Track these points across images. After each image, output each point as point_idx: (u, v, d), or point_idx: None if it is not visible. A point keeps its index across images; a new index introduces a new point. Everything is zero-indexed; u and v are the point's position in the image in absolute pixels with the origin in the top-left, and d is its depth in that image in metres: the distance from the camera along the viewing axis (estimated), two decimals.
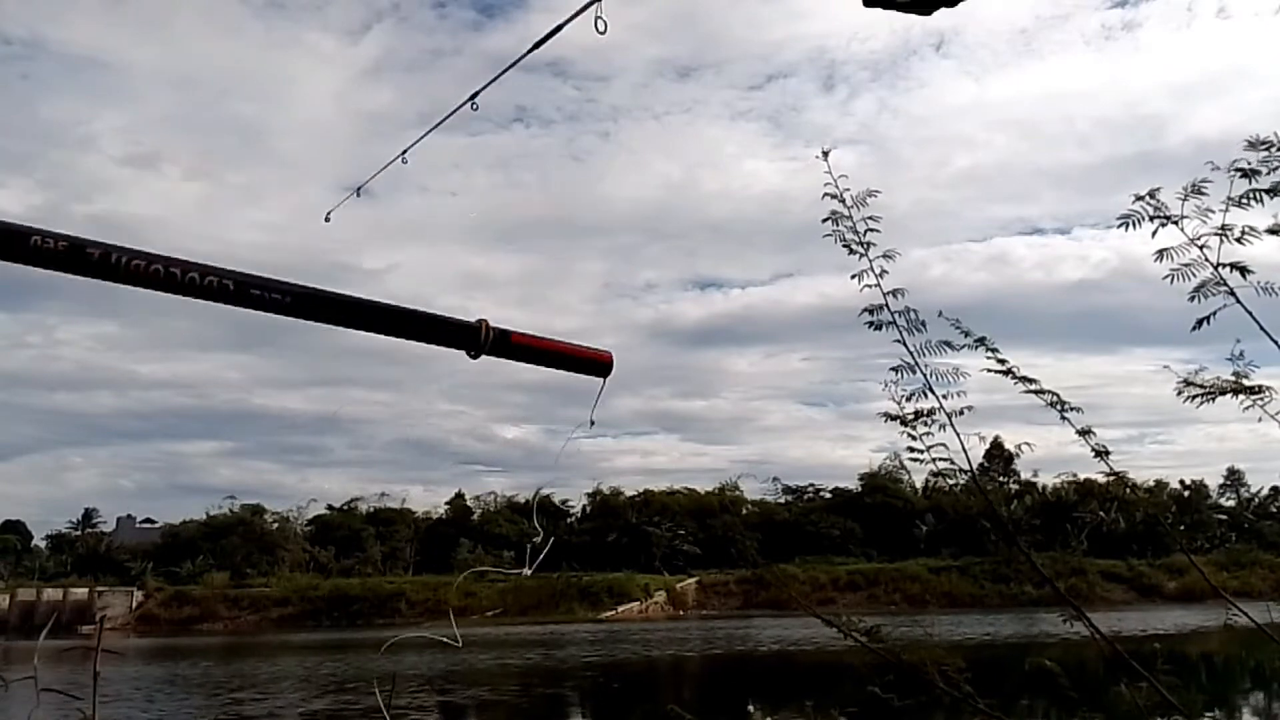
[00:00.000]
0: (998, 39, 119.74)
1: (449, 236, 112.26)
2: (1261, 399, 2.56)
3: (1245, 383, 2.58)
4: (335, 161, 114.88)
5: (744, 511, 66.34)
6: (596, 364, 0.80)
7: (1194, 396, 2.64)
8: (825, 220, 2.94)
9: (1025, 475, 56.71)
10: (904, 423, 2.90)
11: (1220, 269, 2.51)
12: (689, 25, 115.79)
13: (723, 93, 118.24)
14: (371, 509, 67.29)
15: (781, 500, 68.55)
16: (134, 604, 51.22)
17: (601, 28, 1.39)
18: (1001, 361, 2.84)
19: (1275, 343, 2.48)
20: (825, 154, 2.89)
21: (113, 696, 19.57)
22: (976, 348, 2.80)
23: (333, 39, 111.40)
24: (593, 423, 0.99)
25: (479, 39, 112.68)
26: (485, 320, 0.75)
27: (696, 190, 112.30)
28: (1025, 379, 2.82)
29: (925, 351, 2.84)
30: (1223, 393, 2.60)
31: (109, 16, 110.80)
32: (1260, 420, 2.56)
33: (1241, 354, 2.59)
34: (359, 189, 3.21)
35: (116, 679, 22.13)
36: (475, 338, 0.76)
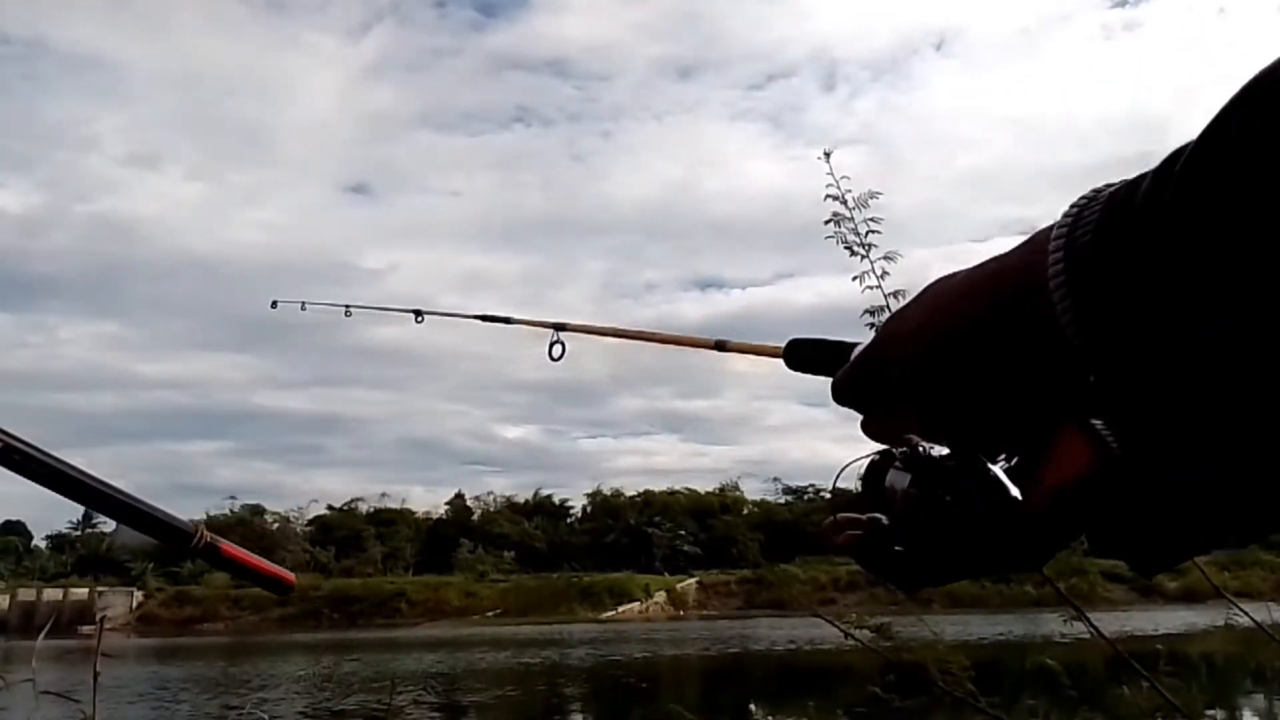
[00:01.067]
0: (999, 38, 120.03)
1: (450, 236, 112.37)
2: None
3: None
4: (336, 161, 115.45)
5: (745, 511, 66.31)
6: (280, 584, 0.95)
7: None
8: (827, 222, 2.94)
9: None
10: None
11: None
12: (689, 24, 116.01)
13: (724, 92, 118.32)
14: (372, 509, 67.33)
15: (782, 500, 68.58)
16: (134, 604, 51.26)
17: (558, 352, 1.30)
18: None
19: None
20: (827, 155, 2.89)
21: (140, 697, 19.64)
22: None
23: (333, 39, 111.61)
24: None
25: (480, 39, 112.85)
26: (201, 524, 0.85)
27: (698, 190, 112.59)
28: None
29: None
30: None
31: (109, 16, 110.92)
32: None
33: None
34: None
35: (141, 679, 22.17)
36: (187, 541, 0.85)
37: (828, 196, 2.92)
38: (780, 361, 0.81)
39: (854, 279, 2.91)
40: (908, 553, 0.60)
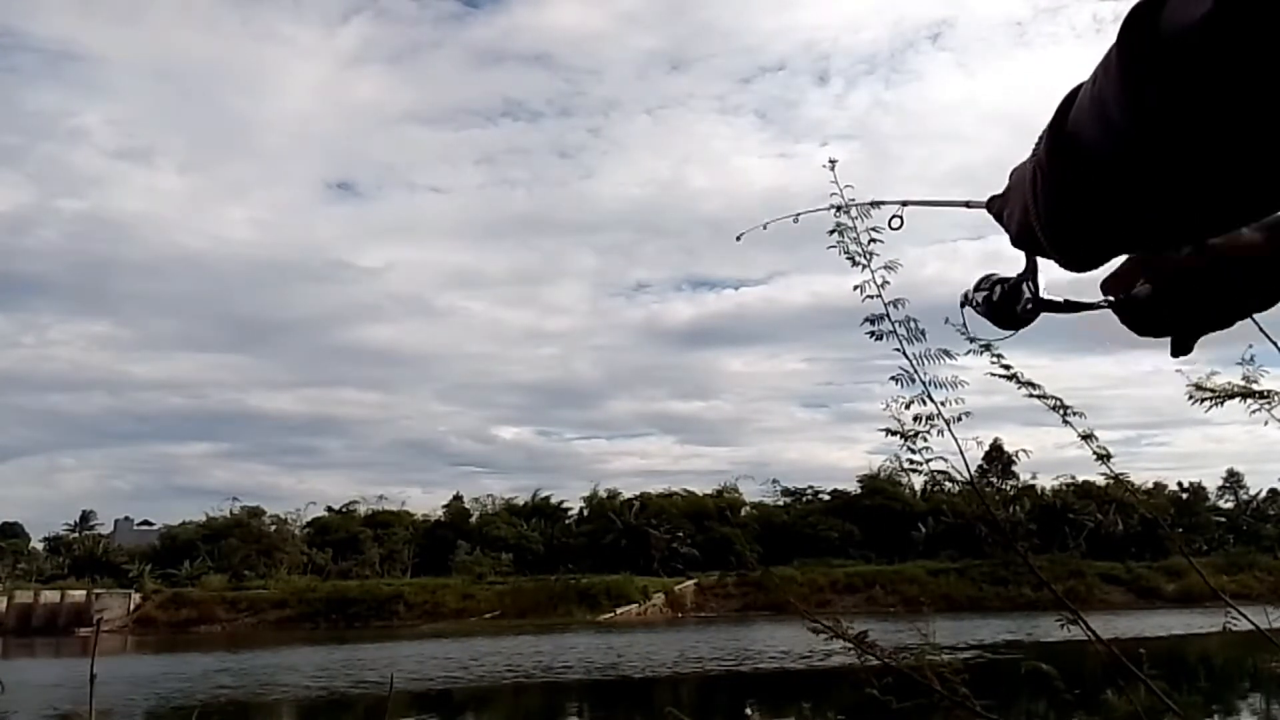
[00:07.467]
0: (992, 31, 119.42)
1: (437, 233, 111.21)
2: (1269, 403, 2.57)
3: (1254, 387, 2.59)
4: (321, 155, 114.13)
5: (742, 513, 66.16)
6: None
7: (1203, 400, 2.65)
8: (831, 232, 2.93)
9: (1024, 477, 56.73)
10: (904, 437, 2.89)
11: None
12: (678, 15, 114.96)
13: (715, 86, 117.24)
14: (369, 511, 67.24)
15: (780, 503, 68.45)
16: (131, 606, 51.09)
17: (897, 224, 1.32)
18: (1006, 368, 2.85)
19: (1274, 344, 2.48)
20: (832, 164, 2.86)
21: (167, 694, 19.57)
22: (982, 354, 2.79)
23: (310, 31, 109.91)
24: None
25: (462, 31, 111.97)
26: None
27: (689, 186, 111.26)
28: (1029, 384, 2.83)
29: (925, 360, 2.83)
30: (1230, 397, 2.61)
31: (81, 8, 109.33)
32: (1266, 424, 2.56)
33: (1252, 358, 2.59)
34: None
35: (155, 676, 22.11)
36: None
37: (831, 206, 2.90)
38: (776, 363, 0.81)
39: (855, 288, 2.91)
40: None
